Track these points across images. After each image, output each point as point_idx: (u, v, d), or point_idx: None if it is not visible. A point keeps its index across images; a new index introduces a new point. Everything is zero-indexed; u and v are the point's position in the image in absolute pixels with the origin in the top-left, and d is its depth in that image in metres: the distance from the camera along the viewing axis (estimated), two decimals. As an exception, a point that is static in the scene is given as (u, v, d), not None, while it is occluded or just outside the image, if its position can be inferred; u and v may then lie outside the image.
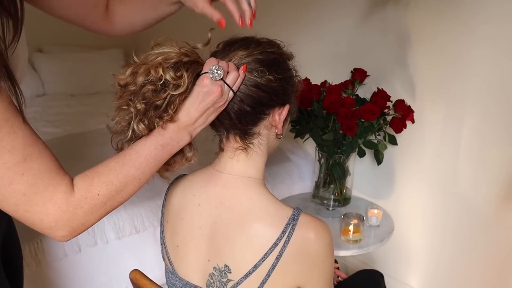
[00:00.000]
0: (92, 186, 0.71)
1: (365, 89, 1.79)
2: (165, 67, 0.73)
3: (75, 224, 0.70)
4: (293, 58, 0.87)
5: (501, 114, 1.54)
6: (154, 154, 0.76)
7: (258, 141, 0.85)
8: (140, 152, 0.75)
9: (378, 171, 1.89)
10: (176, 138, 0.77)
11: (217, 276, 0.83)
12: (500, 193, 1.59)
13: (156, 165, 0.77)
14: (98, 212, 0.72)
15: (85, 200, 0.70)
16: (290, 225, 0.78)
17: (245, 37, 0.85)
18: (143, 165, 0.75)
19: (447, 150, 1.71)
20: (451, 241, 1.78)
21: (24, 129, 0.66)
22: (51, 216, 0.68)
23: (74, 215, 0.69)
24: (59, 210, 0.68)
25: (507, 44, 1.48)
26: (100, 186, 0.71)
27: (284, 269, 0.78)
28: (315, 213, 1.78)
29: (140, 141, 0.76)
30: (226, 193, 0.84)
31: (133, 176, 0.74)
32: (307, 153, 2.19)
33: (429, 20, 1.67)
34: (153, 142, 0.76)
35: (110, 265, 1.60)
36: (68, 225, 0.70)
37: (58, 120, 2.52)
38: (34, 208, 0.67)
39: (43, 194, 0.67)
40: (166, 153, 0.77)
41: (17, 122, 0.65)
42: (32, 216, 0.68)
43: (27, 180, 0.65)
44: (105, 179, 0.72)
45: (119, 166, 0.74)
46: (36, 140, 0.68)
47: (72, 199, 0.69)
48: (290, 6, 2.20)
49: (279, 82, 0.82)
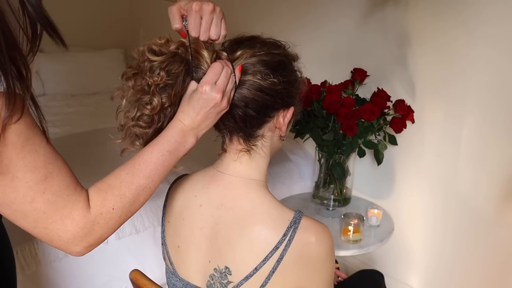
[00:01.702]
0: (107, 201, 0.71)
1: (365, 89, 1.79)
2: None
3: (91, 240, 0.71)
4: (298, 60, 0.87)
5: (501, 114, 1.54)
6: (162, 161, 0.76)
7: (261, 143, 0.85)
8: (148, 160, 0.75)
9: (378, 171, 1.89)
10: (182, 142, 0.77)
11: (217, 278, 0.83)
12: (500, 193, 1.59)
13: (165, 171, 0.77)
14: (113, 225, 0.72)
15: (101, 216, 0.70)
16: (292, 228, 0.78)
17: (251, 37, 0.84)
18: (153, 174, 0.75)
19: (447, 150, 1.71)
20: (451, 241, 1.78)
21: (46, 147, 0.66)
22: (69, 233, 0.68)
23: (91, 231, 0.70)
24: (76, 227, 0.68)
25: (507, 44, 1.48)
26: (114, 200, 0.71)
27: (285, 272, 0.78)
28: (315, 213, 1.78)
29: (147, 149, 0.76)
30: (227, 195, 0.84)
31: (144, 185, 0.74)
32: (307, 153, 2.19)
33: (429, 20, 1.67)
34: (160, 149, 0.76)
35: (110, 265, 1.60)
36: (84, 241, 0.70)
37: (58, 120, 2.52)
38: (53, 226, 0.67)
39: (62, 212, 0.67)
40: (174, 157, 0.77)
41: (38, 141, 0.65)
42: (51, 233, 0.68)
43: (48, 198, 0.66)
44: (118, 192, 0.72)
45: (130, 177, 0.73)
46: (56, 158, 0.68)
47: (89, 215, 0.69)
48: (291, 6, 2.20)
49: (283, 85, 0.81)
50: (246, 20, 2.33)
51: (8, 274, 1.02)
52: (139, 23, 3.46)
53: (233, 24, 0.86)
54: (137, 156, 0.76)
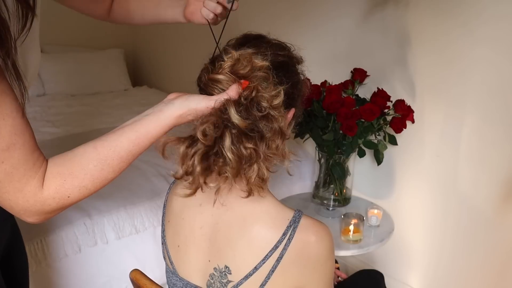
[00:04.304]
0: (63, 188, 0.68)
1: (365, 89, 1.79)
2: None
3: (42, 217, 0.70)
4: (302, 62, 0.87)
5: (501, 114, 1.54)
6: (134, 158, 0.73)
7: None
8: (124, 157, 0.71)
9: (378, 171, 1.89)
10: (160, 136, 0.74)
11: (217, 277, 0.83)
12: (500, 193, 1.59)
13: (132, 159, 0.73)
14: (66, 206, 0.71)
15: (53, 200, 0.69)
16: (291, 227, 0.78)
17: (258, 36, 0.85)
18: (123, 167, 0.73)
19: (447, 150, 1.71)
20: (451, 241, 1.78)
21: (16, 118, 0.64)
22: (20, 205, 0.68)
23: (41, 209, 0.69)
24: (27, 203, 0.68)
25: (507, 45, 1.48)
26: (71, 190, 0.69)
27: (284, 271, 0.78)
28: (315, 213, 1.78)
29: (117, 138, 0.72)
30: (228, 194, 0.84)
31: (110, 178, 0.72)
32: (307, 153, 2.19)
33: (429, 20, 1.67)
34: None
35: (110, 265, 1.61)
36: (36, 215, 0.69)
37: (58, 120, 2.52)
38: (6, 196, 0.67)
39: (16, 185, 0.66)
40: (142, 147, 0.73)
41: (8, 110, 0.63)
42: (4, 202, 0.68)
43: (5, 169, 0.65)
44: (78, 184, 0.69)
45: (97, 171, 0.70)
46: (24, 132, 0.66)
47: (40, 195, 0.68)
48: (290, 5, 2.20)
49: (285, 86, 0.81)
50: (246, 19, 2.32)
51: (20, 270, 1.03)
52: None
53: (233, 23, 0.87)
54: (111, 146, 0.71)
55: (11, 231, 0.97)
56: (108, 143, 0.71)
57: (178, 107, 0.73)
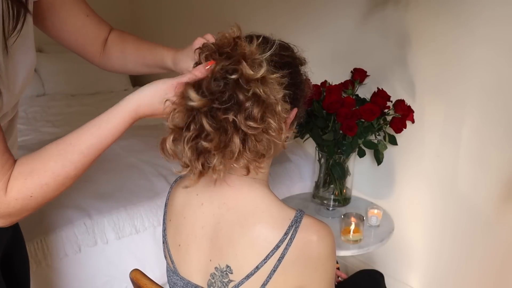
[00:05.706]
0: (24, 188, 0.67)
1: (365, 89, 1.79)
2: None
3: (9, 220, 0.69)
4: (305, 64, 0.87)
5: (501, 115, 1.54)
6: (97, 154, 0.71)
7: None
8: (85, 153, 0.70)
9: (378, 171, 1.89)
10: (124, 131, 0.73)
11: (218, 276, 0.83)
12: (499, 193, 1.60)
13: (97, 155, 0.72)
14: (32, 208, 0.70)
15: (16, 201, 0.67)
16: (293, 227, 0.78)
17: (261, 36, 0.85)
18: (86, 162, 0.71)
19: (447, 150, 1.71)
20: (451, 241, 1.78)
21: None
22: None
23: (6, 212, 0.68)
24: None
25: (507, 46, 1.48)
26: (33, 188, 0.67)
27: (286, 271, 0.78)
28: (315, 213, 1.78)
29: (78, 133, 0.71)
30: (229, 194, 0.84)
31: (73, 175, 0.70)
32: (307, 153, 2.19)
33: (429, 20, 1.67)
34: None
35: (110, 265, 1.60)
36: (2, 218, 0.68)
37: (58, 120, 2.52)
38: None
39: None
40: (104, 140, 0.72)
41: None
42: None
43: None
44: (39, 182, 0.67)
45: (59, 168, 0.68)
46: None
47: (3, 198, 0.67)
48: (290, 5, 2.20)
49: (287, 87, 0.81)
50: (246, 20, 2.33)
51: (21, 270, 1.03)
52: (139, 23, 3.47)
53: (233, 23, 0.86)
54: (72, 141, 0.70)
55: (12, 231, 0.97)
56: (68, 138, 0.70)
57: (136, 97, 0.73)
